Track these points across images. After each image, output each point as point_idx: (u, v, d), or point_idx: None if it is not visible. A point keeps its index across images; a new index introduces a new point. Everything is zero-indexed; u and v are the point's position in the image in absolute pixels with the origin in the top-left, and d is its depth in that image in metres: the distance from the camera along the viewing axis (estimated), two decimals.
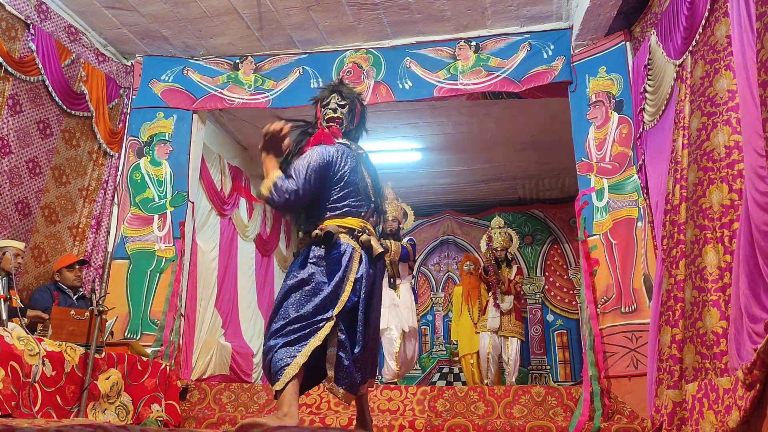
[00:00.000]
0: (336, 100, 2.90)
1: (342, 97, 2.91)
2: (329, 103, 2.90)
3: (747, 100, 2.74)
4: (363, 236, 2.69)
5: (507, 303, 6.47)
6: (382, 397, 4.55)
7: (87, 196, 5.20)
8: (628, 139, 4.59)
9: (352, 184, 2.74)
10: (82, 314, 3.61)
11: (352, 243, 2.67)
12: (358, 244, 2.68)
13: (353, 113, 2.93)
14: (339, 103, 2.90)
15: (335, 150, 2.75)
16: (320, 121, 2.92)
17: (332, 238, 2.63)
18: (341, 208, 2.71)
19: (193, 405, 4.71)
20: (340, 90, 2.94)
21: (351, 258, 2.64)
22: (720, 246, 3.06)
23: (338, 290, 2.59)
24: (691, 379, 3.22)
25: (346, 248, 2.65)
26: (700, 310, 3.19)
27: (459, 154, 7.51)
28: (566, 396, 4.33)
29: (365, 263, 2.68)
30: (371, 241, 2.70)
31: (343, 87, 2.97)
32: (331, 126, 2.87)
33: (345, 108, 2.91)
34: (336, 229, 2.66)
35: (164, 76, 5.67)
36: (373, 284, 2.73)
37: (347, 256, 2.64)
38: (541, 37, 5.15)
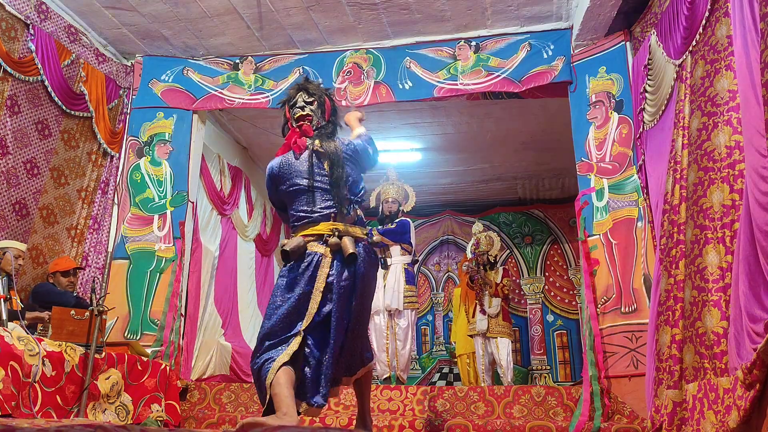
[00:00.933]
0: (303, 98, 2.87)
1: (309, 94, 2.88)
2: (296, 103, 2.88)
3: (750, 100, 2.73)
4: (331, 239, 2.65)
5: (494, 307, 6.46)
6: (382, 397, 4.55)
7: (86, 198, 5.20)
8: (628, 139, 4.59)
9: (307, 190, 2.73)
10: (82, 314, 3.61)
11: (320, 249, 2.65)
12: (327, 249, 2.64)
13: (323, 108, 2.89)
14: (306, 101, 2.87)
15: (278, 163, 2.82)
16: (290, 122, 2.90)
17: (288, 257, 2.63)
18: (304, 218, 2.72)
19: (193, 405, 4.71)
20: (306, 87, 2.91)
21: (318, 266, 2.62)
22: (721, 246, 3.06)
23: (306, 303, 2.59)
24: (691, 379, 3.22)
25: (313, 258, 2.64)
26: (699, 310, 3.19)
27: (459, 154, 7.51)
28: (566, 396, 4.33)
29: (337, 266, 2.63)
30: (342, 243, 2.64)
31: (309, 84, 2.94)
32: (302, 124, 2.84)
33: (313, 104, 2.87)
34: (300, 242, 2.65)
35: (164, 76, 5.67)
36: (352, 285, 2.67)
37: (313, 266, 2.62)
38: (541, 37, 5.15)
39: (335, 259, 2.64)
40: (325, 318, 2.60)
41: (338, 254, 2.64)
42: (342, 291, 2.62)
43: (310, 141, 2.83)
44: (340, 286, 2.62)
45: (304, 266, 2.63)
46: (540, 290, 8.56)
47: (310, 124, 2.85)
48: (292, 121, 2.89)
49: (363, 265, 2.71)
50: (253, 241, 7.37)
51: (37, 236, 4.72)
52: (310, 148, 2.80)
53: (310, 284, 2.60)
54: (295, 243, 2.64)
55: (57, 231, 4.92)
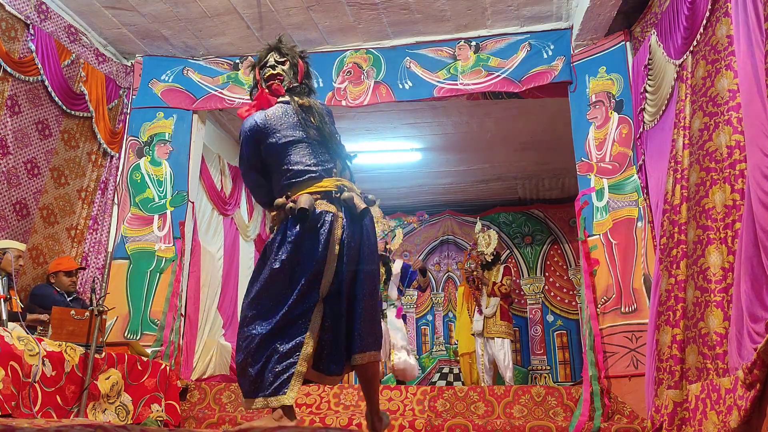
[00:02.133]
0: (275, 58, 2.70)
1: (281, 54, 2.72)
2: (267, 62, 2.70)
3: (754, 100, 2.73)
4: (344, 194, 2.46)
5: (491, 307, 6.45)
6: (382, 397, 4.55)
7: (86, 198, 5.20)
8: (628, 139, 4.59)
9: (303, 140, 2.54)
10: (82, 314, 3.61)
11: (332, 209, 2.44)
12: (337, 207, 2.45)
13: (295, 69, 2.72)
14: (278, 60, 2.70)
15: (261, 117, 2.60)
16: (260, 83, 2.72)
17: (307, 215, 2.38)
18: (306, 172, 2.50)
19: (193, 405, 4.71)
20: (278, 47, 2.74)
21: (332, 228, 2.40)
22: (723, 247, 3.06)
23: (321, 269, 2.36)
24: (694, 380, 3.22)
25: (324, 218, 2.41)
26: (702, 311, 3.18)
27: (459, 154, 7.50)
28: (566, 396, 4.33)
29: (347, 226, 2.44)
30: (354, 198, 2.45)
31: (281, 45, 2.76)
32: (272, 84, 2.66)
33: (285, 65, 2.70)
34: (311, 199, 2.41)
35: (164, 76, 5.67)
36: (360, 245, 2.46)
37: (327, 227, 2.40)
38: (541, 37, 5.15)
39: (345, 218, 2.45)
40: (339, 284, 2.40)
41: (347, 211, 2.46)
42: (352, 252, 2.43)
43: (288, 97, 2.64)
44: (350, 247, 2.43)
45: (316, 227, 2.39)
46: (540, 290, 8.56)
47: (281, 84, 2.67)
48: (262, 81, 2.71)
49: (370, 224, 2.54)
50: (254, 242, 7.37)
51: (38, 236, 4.72)
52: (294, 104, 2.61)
53: (325, 248, 2.38)
54: (307, 200, 2.39)
55: (57, 231, 4.92)
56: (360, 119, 6.51)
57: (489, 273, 6.59)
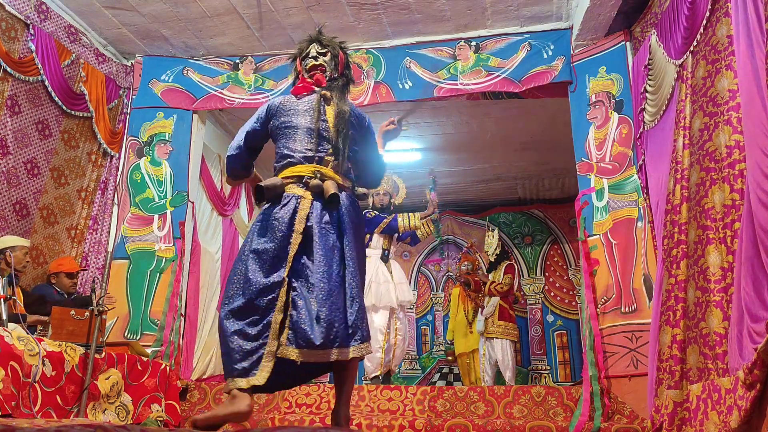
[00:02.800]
0: (316, 49, 2.76)
1: (322, 46, 2.77)
2: (309, 53, 2.76)
3: (754, 100, 2.73)
4: (313, 181, 2.46)
5: (489, 307, 6.45)
6: (382, 397, 4.55)
7: (86, 198, 5.20)
8: (628, 139, 4.59)
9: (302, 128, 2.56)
10: (82, 314, 3.61)
11: (300, 191, 2.45)
12: (308, 192, 2.45)
13: (336, 61, 2.77)
14: (319, 51, 2.76)
15: (280, 99, 2.68)
16: (302, 74, 2.77)
17: (262, 191, 2.44)
18: (287, 157, 2.54)
19: (193, 405, 4.71)
20: (320, 39, 2.80)
21: (296, 209, 2.41)
22: (723, 246, 3.06)
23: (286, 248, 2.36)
24: (695, 380, 3.21)
25: (290, 199, 2.43)
26: (702, 311, 3.19)
27: (459, 154, 7.51)
28: (566, 396, 4.33)
29: (318, 210, 2.43)
30: (324, 185, 2.45)
31: (322, 36, 2.82)
32: (315, 74, 2.71)
33: (326, 56, 2.76)
34: (277, 181, 2.46)
35: (164, 76, 5.67)
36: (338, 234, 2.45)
37: (290, 208, 2.41)
38: (541, 37, 5.15)
39: (315, 201, 2.45)
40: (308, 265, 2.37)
41: (320, 198, 2.45)
42: (323, 233, 2.40)
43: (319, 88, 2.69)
44: (321, 227, 2.40)
45: (279, 209, 2.43)
46: (540, 290, 8.56)
47: (323, 74, 2.71)
48: (303, 72, 2.76)
49: (347, 213, 2.50)
50: None
51: (38, 236, 4.72)
52: (319, 94, 2.67)
53: (289, 228, 2.39)
54: (271, 181, 2.47)
55: (57, 231, 4.92)
56: None
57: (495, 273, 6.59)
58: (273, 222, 2.41)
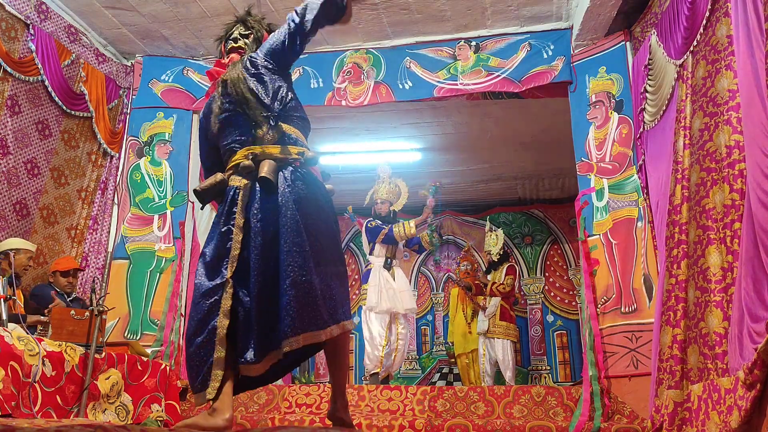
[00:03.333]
0: (239, 31, 2.55)
1: (246, 27, 2.56)
2: (231, 35, 2.55)
3: (753, 100, 2.73)
4: (244, 162, 2.23)
5: (491, 307, 6.45)
6: (382, 397, 4.55)
7: (86, 198, 5.20)
8: (628, 139, 4.59)
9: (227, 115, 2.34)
10: (82, 314, 3.61)
11: (236, 182, 2.25)
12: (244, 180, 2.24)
13: (259, 43, 2.51)
14: (242, 33, 2.54)
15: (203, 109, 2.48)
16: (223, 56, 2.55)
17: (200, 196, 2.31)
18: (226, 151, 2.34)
19: (193, 405, 4.70)
20: (245, 20, 2.58)
21: (233, 200, 2.22)
22: (723, 246, 3.06)
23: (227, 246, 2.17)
24: (696, 380, 3.21)
25: (230, 192, 2.24)
26: (702, 311, 3.19)
27: (459, 154, 7.50)
28: (566, 396, 4.33)
29: (260, 195, 2.21)
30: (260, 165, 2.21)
31: (248, 17, 2.60)
32: (231, 57, 2.47)
33: (249, 38, 2.52)
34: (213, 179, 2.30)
35: (164, 76, 5.67)
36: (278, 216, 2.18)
37: (229, 201, 2.23)
38: (541, 37, 5.15)
39: (254, 188, 2.23)
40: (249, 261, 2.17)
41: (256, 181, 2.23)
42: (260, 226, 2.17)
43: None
44: (257, 220, 2.17)
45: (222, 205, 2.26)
46: (540, 290, 8.55)
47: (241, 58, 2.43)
48: (224, 56, 2.53)
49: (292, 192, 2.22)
50: None
51: (38, 236, 4.72)
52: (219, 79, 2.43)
53: (228, 222, 2.20)
54: (208, 181, 2.30)
55: (57, 231, 4.92)
56: (360, 119, 6.50)
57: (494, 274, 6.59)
58: (215, 219, 2.27)
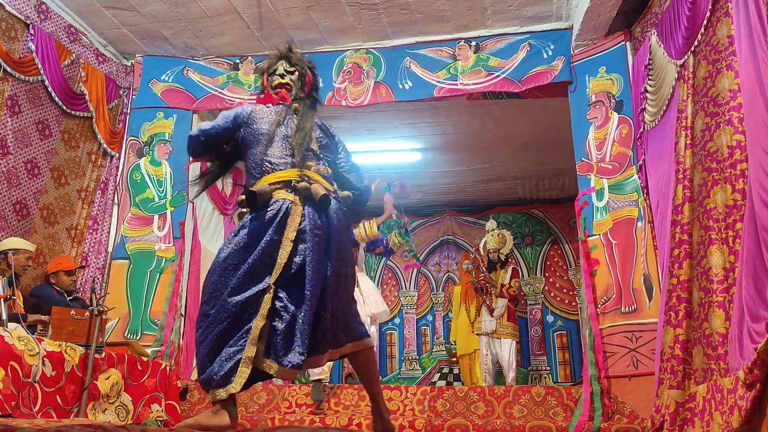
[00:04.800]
0: (284, 67, 2.71)
1: (290, 64, 2.72)
2: (276, 70, 2.71)
3: (756, 99, 2.72)
4: (300, 184, 2.41)
5: (499, 308, 6.44)
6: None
7: (86, 198, 5.20)
8: (628, 139, 4.59)
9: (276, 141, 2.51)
10: (82, 314, 3.61)
11: (290, 197, 2.40)
12: (297, 197, 2.40)
13: (303, 81, 2.71)
14: (287, 70, 2.70)
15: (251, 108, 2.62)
16: (267, 89, 2.72)
17: (255, 196, 2.38)
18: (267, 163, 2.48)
19: (193, 405, 4.70)
20: (289, 57, 2.73)
21: (287, 213, 2.37)
22: (725, 247, 3.06)
23: (275, 253, 2.31)
24: (701, 381, 3.21)
25: (281, 205, 2.38)
26: (706, 312, 3.18)
27: (459, 154, 7.50)
28: (566, 396, 4.33)
29: (309, 214, 2.38)
30: (311, 188, 2.40)
31: (291, 54, 2.75)
32: (279, 92, 2.66)
33: (294, 74, 2.70)
34: (265, 187, 2.41)
35: (164, 76, 5.67)
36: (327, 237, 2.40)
37: (282, 213, 2.37)
38: (541, 37, 5.15)
39: (306, 206, 2.40)
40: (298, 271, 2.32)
41: (308, 201, 2.40)
42: (317, 239, 2.35)
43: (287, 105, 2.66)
44: (314, 234, 2.35)
45: (270, 215, 2.37)
46: (540, 291, 8.55)
47: (288, 93, 2.66)
48: (269, 89, 2.70)
49: (336, 216, 2.46)
50: None
51: (38, 236, 4.72)
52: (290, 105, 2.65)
53: (278, 233, 2.33)
54: (259, 187, 2.41)
55: (57, 231, 4.92)
56: (360, 119, 6.50)
57: (495, 274, 6.58)
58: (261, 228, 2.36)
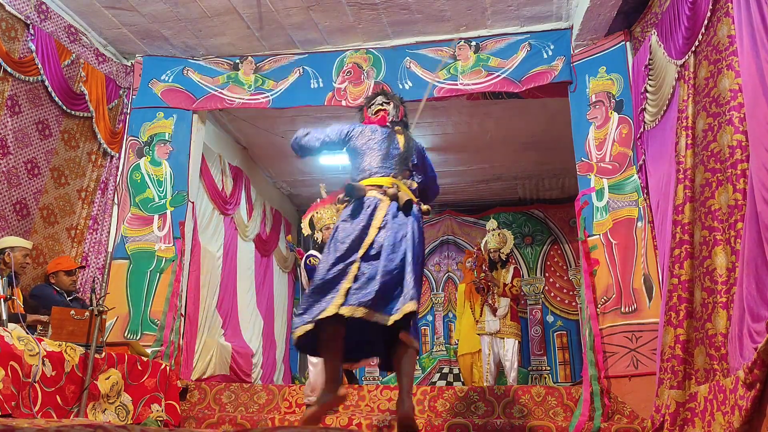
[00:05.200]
0: (382, 99, 3.42)
1: (386, 97, 3.44)
2: (375, 102, 3.41)
3: (759, 99, 2.72)
4: (390, 190, 3.07)
5: (503, 308, 6.44)
6: (382, 397, 4.55)
7: (86, 198, 5.19)
8: (628, 139, 4.59)
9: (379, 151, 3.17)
10: (82, 314, 3.61)
11: (379, 196, 3.05)
12: (386, 197, 3.04)
13: (397, 110, 3.41)
14: (384, 101, 3.40)
15: (354, 127, 3.30)
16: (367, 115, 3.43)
17: (353, 192, 3.05)
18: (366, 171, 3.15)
19: (193, 405, 4.71)
20: (385, 92, 3.51)
21: (376, 208, 3.01)
22: (727, 247, 3.05)
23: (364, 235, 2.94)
24: (703, 381, 3.20)
25: (372, 201, 3.04)
26: (709, 312, 3.17)
27: (459, 154, 7.50)
28: (566, 396, 4.33)
29: (393, 212, 3.02)
30: (399, 194, 3.06)
31: (386, 92, 3.54)
32: (380, 116, 3.35)
33: (390, 104, 3.39)
34: (361, 186, 3.08)
35: (164, 76, 5.67)
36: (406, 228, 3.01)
37: (372, 206, 3.02)
38: (541, 37, 5.15)
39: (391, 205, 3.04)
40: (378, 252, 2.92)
41: (394, 202, 3.05)
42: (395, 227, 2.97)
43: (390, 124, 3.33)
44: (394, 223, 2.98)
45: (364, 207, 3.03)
46: (540, 291, 8.55)
47: (386, 116, 3.35)
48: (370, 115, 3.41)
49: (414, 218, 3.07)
50: (253, 242, 7.36)
51: (38, 236, 4.72)
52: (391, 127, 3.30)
53: (369, 221, 2.98)
54: (357, 184, 3.09)
55: (57, 231, 4.92)
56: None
57: (497, 273, 6.58)
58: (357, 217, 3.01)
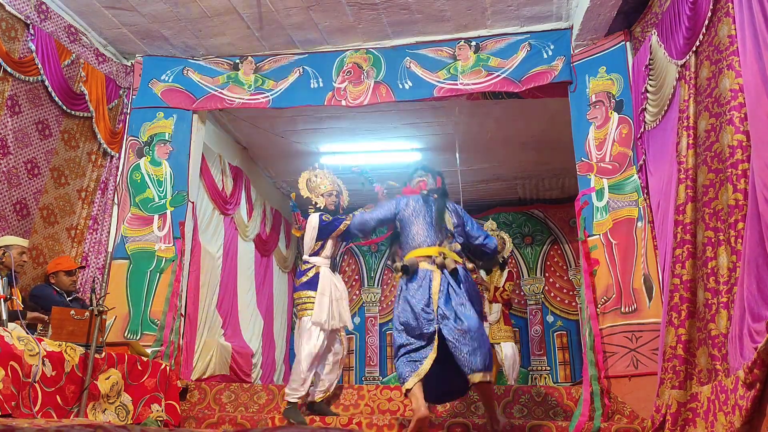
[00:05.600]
0: (421, 172, 3.97)
1: (425, 170, 3.98)
2: (415, 174, 3.97)
3: (761, 99, 2.71)
4: (438, 259, 3.52)
5: (494, 314, 6.43)
6: (381, 396, 4.55)
7: (86, 198, 5.19)
8: (628, 139, 4.59)
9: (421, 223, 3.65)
10: (82, 314, 3.61)
11: (431, 267, 3.49)
12: (436, 267, 3.48)
13: (434, 179, 3.94)
14: (423, 174, 3.96)
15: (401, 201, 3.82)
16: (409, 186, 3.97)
17: (408, 270, 3.49)
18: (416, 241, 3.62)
19: (193, 405, 4.71)
20: (424, 166, 4.06)
21: (431, 279, 3.45)
22: (729, 247, 3.05)
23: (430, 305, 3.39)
24: (705, 381, 3.20)
25: (426, 273, 3.48)
26: (711, 313, 3.17)
27: (459, 154, 7.49)
28: (566, 396, 4.34)
29: (445, 279, 3.46)
30: (446, 261, 3.51)
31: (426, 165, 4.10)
32: (419, 185, 3.88)
33: (428, 176, 3.94)
34: (414, 261, 3.53)
35: (164, 76, 5.67)
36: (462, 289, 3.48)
37: (427, 280, 3.46)
38: (541, 37, 5.15)
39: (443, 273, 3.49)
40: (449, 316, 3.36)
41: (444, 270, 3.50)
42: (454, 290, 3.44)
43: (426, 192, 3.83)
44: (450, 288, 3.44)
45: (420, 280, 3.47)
46: (540, 291, 8.55)
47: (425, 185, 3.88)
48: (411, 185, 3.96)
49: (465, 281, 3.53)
50: (253, 242, 7.36)
51: (38, 236, 4.72)
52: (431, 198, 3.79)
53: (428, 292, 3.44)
54: (410, 261, 3.54)
55: (57, 231, 4.92)
56: (360, 119, 6.51)
57: (492, 276, 6.57)
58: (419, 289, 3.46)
